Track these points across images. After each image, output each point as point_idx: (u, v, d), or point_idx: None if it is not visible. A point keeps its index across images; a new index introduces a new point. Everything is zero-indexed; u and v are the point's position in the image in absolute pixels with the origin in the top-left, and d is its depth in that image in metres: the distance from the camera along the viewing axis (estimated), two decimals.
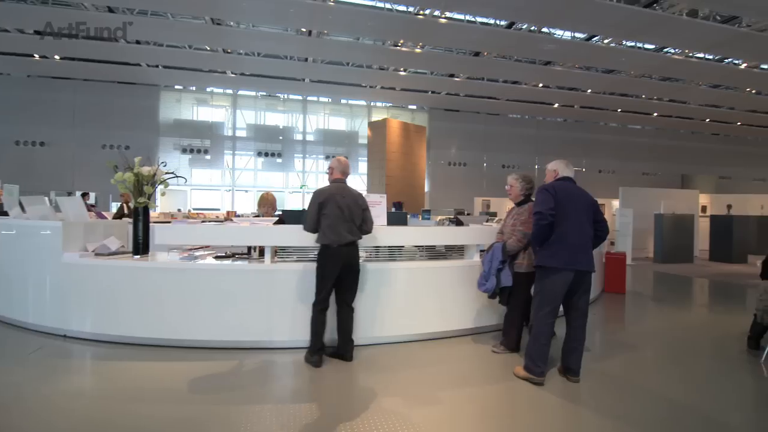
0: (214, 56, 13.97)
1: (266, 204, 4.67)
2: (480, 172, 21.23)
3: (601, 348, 4.05)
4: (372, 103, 20.23)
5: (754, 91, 16.68)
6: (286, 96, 19.10)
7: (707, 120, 21.42)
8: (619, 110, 20.34)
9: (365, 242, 3.96)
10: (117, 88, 16.45)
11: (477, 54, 13.98)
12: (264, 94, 18.68)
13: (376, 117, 19.72)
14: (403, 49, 13.40)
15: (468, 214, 9.12)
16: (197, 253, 3.99)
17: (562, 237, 3.04)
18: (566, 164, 3.35)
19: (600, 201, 13.11)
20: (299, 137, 19.34)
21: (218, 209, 18.02)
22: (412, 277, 4.09)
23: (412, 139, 16.79)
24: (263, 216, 4.60)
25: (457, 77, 16.16)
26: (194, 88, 17.89)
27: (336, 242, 3.40)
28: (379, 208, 3.86)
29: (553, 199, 3.06)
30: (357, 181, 19.85)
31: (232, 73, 15.68)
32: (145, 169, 3.93)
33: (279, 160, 18.72)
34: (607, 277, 5.82)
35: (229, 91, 18.29)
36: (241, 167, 18.55)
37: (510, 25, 12.15)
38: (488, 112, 21.21)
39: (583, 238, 3.13)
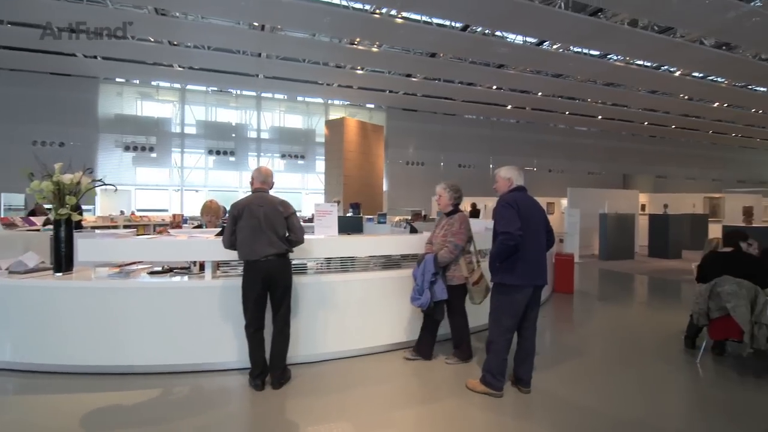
0: (159, 48, 13.15)
1: (209, 212, 4.37)
2: (437, 171, 21.48)
3: (551, 353, 4.11)
4: (329, 101, 19.90)
5: (686, 97, 17.95)
6: (238, 92, 18.39)
7: (645, 123, 22.87)
8: (567, 113, 21.26)
9: (312, 254, 3.79)
10: (50, 80, 15.10)
11: (433, 55, 14.06)
12: (215, 89, 17.87)
13: (334, 115, 19.44)
14: (360, 47, 13.22)
15: (425, 217, 9.12)
16: (130, 269, 3.65)
17: (524, 253, 2.96)
18: (519, 171, 3.21)
19: (550, 200, 13.63)
20: (253, 135, 18.69)
21: (166, 210, 17.10)
22: (363, 289, 3.94)
23: (370, 138, 16.71)
24: (206, 226, 4.30)
25: (414, 77, 16.20)
26: (138, 81, 16.80)
27: (251, 257, 3.13)
28: (329, 217, 3.68)
29: (518, 216, 2.93)
30: (315, 181, 19.50)
31: (179, 66, 14.85)
32: (67, 177, 3.53)
33: (232, 159, 18.00)
34: (557, 278, 6.00)
35: (177, 86, 17.34)
36: (190, 166, 17.66)
37: (465, 28, 12.29)
38: (445, 113, 21.49)
39: (541, 252, 3.09)
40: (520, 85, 16.98)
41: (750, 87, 16.44)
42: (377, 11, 11.07)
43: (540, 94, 18.09)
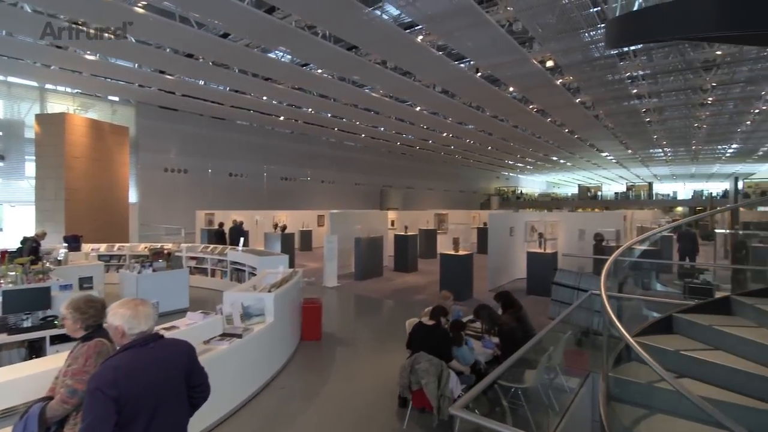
0: None
1: None
2: (204, 179, 19.50)
3: None
4: (48, 86, 15.28)
5: (425, 127, 21.75)
6: None
7: (398, 143, 26.71)
8: (336, 129, 22.69)
9: None
10: None
11: (191, 56, 12.48)
12: None
13: (57, 105, 15.10)
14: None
15: (168, 255, 7.66)
16: None
17: None
18: (135, 311, 1.98)
19: (321, 212, 13.82)
20: None
21: None
22: None
23: (109, 140, 13.67)
24: None
25: (169, 75, 14.06)
26: None
27: None
28: None
29: (113, 413, 1.78)
30: (23, 189, 14.60)
31: None
32: None
33: None
34: (305, 326, 5.97)
35: None
36: None
37: (225, 35, 11.34)
38: (213, 116, 19.68)
39: None
40: (290, 100, 17.03)
41: (465, 124, 21.21)
42: None
43: (310, 110, 18.61)
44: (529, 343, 3.47)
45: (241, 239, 9.03)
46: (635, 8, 3.43)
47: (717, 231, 10.75)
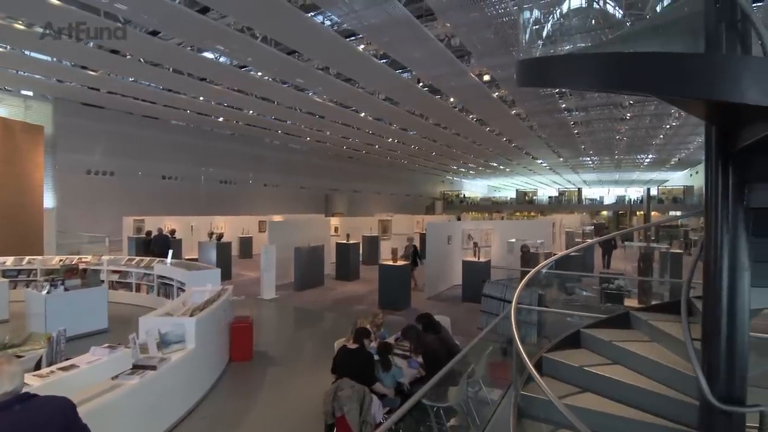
0: None
1: None
2: (134, 182, 18.20)
3: None
4: None
5: (370, 132, 21.86)
6: None
7: (344, 147, 26.59)
8: (279, 131, 22.14)
9: None
10: None
11: (116, 52, 11.62)
12: None
13: None
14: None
15: (84, 272, 6.96)
16: None
17: None
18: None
19: (263, 218, 13.25)
20: None
21: None
22: None
23: (19, 140, 12.37)
24: None
25: (92, 71, 13.00)
26: None
27: None
28: None
29: None
30: None
31: None
32: None
33: None
34: (234, 346, 5.74)
35: None
36: None
37: (155, 33, 10.69)
38: (144, 115, 18.43)
39: None
40: (229, 101, 16.38)
41: (409, 131, 21.57)
42: None
43: (251, 112, 18.02)
44: (449, 364, 3.57)
45: (170, 251, 8.46)
46: (544, 35, 3.71)
47: (627, 243, 11.77)
